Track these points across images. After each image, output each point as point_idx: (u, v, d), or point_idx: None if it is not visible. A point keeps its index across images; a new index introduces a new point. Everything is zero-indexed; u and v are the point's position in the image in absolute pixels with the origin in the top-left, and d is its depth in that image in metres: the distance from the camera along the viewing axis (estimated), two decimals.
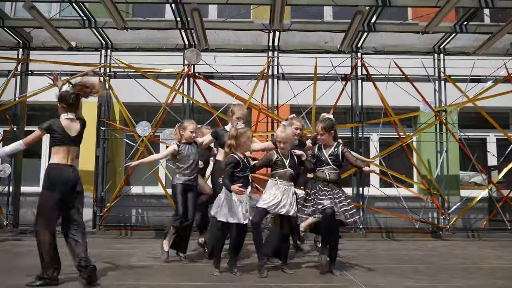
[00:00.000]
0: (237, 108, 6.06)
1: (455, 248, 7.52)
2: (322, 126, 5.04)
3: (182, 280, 4.64)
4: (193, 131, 5.88)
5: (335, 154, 5.08)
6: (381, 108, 9.59)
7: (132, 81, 9.60)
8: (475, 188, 11.05)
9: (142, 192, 10.54)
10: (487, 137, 11.04)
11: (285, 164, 4.99)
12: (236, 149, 4.93)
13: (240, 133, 4.94)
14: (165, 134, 9.41)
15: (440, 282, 4.60)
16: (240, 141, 4.91)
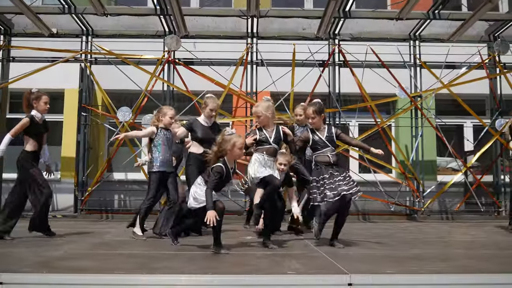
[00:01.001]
0: (210, 100, 6.10)
1: (426, 228, 7.75)
2: (314, 110, 5.07)
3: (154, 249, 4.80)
4: (172, 117, 5.95)
5: (331, 136, 5.11)
6: (358, 95, 9.79)
7: (113, 67, 9.70)
8: (452, 174, 11.31)
9: (125, 178, 10.70)
10: (464, 123, 11.32)
11: (268, 140, 5.10)
12: (223, 157, 4.66)
13: (224, 140, 4.63)
14: (146, 119, 9.52)
15: (400, 251, 4.80)
16: (224, 148, 4.61)
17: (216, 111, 6.15)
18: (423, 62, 10.03)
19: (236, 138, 4.65)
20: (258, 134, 5.16)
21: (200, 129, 6.02)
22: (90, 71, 9.86)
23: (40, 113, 5.86)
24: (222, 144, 4.59)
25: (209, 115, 6.11)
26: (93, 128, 10.25)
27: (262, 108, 5.13)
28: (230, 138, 4.61)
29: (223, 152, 4.61)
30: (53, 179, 10.43)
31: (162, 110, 6.00)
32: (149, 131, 6.01)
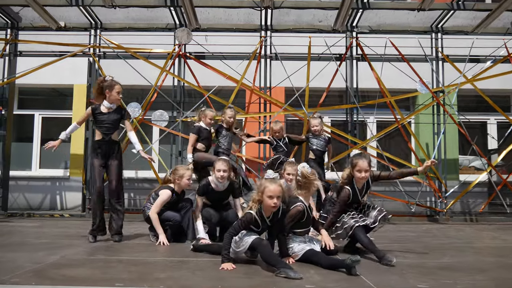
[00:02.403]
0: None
1: (450, 230, 7.30)
2: (369, 162, 4.76)
3: (158, 255, 4.46)
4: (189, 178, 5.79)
5: (368, 187, 4.90)
6: (376, 91, 9.34)
7: (122, 62, 9.38)
8: (474, 173, 10.81)
9: (135, 176, 10.41)
10: (488, 120, 10.81)
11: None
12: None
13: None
14: (156, 115, 9.21)
15: (428, 259, 4.39)
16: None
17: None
18: (445, 55, 9.53)
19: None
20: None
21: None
22: (99, 65, 9.55)
23: (111, 102, 5.85)
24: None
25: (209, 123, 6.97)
26: None
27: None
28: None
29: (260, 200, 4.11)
30: (62, 177, 10.26)
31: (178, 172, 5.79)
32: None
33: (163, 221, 5.40)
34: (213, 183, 5.66)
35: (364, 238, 4.40)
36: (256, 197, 4.05)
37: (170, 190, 5.51)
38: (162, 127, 9.25)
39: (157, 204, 5.41)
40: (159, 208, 5.40)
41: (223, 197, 5.77)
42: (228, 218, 5.60)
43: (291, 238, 4.27)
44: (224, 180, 5.58)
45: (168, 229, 5.45)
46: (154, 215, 5.36)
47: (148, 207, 5.57)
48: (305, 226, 4.33)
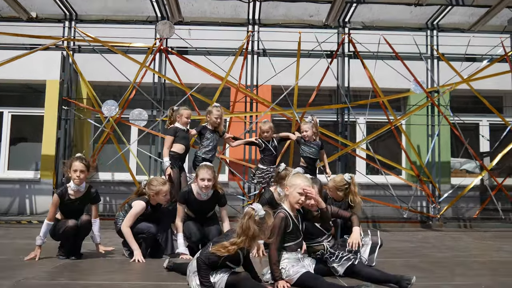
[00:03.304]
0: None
1: (448, 239, 6.86)
2: (318, 189, 4.16)
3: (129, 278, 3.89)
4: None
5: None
6: (368, 90, 8.87)
7: (98, 56, 8.74)
8: (466, 176, 10.46)
9: (111, 179, 9.78)
10: (480, 121, 10.45)
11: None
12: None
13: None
14: (134, 114, 8.58)
15: (442, 280, 3.91)
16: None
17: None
18: (440, 53, 9.11)
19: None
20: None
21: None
22: (73, 59, 8.89)
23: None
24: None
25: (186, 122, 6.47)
26: (76, 123, 9.29)
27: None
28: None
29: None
30: (32, 179, 9.55)
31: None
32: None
33: (136, 234, 4.81)
34: (195, 191, 5.10)
35: (372, 271, 3.81)
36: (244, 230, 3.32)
37: (144, 201, 4.92)
38: (141, 126, 8.64)
39: (130, 216, 4.82)
40: (132, 221, 4.81)
41: (207, 207, 5.21)
42: (210, 236, 5.04)
43: (282, 257, 3.72)
44: (208, 189, 5.03)
45: (142, 243, 4.86)
46: (126, 229, 4.78)
47: (120, 219, 4.98)
48: (295, 238, 3.79)
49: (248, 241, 3.31)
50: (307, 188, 3.74)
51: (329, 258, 3.94)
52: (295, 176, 3.86)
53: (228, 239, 3.36)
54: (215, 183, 5.08)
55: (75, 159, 4.79)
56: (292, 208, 3.81)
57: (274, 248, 3.65)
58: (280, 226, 3.68)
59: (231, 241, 3.31)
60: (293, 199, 3.77)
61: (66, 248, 4.82)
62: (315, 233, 4.14)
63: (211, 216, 5.31)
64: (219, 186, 5.22)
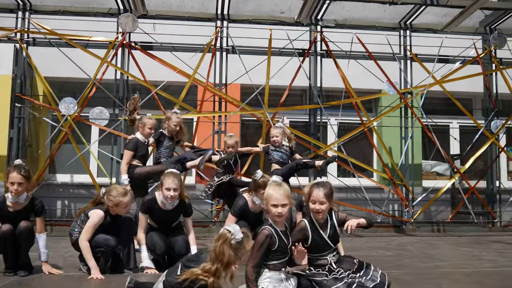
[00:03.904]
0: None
1: (425, 246, 6.63)
2: (325, 193, 3.60)
3: None
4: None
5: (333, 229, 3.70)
6: (341, 90, 8.60)
7: (55, 51, 8.11)
8: (437, 178, 10.36)
9: (69, 181, 9.14)
10: (450, 123, 10.36)
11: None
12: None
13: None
14: (94, 113, 8.01)
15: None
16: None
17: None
18: (414, 54, 8.92)
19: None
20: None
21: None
22: (27, 53, 8.22)
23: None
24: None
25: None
26: (31, 122, 8.62)
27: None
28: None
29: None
30: None
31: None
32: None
33: (93, 247, 4.30)
34: (160, 200, 4.64)
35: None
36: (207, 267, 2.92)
37: (102, 211, 4.42)
38: (102, 126, 8.07)
39: (87, 228, 4.31)
40: (91, 234, 4.30)
41: (172, 218, 4.76)
42: (176, 248, 4.61)
43: (263, 275, 3.32)
44: (174, 200, 4.58)
45: (100, 257, 4.36)
46: (84, 244, 4.26)
47: (76, 230, 4.46)
48: (280, 256, 3.40)
49: (223, 268, 2.89)
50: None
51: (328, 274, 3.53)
52: (268, 187, 3.44)
53: (199, 263, 2.94)
54: (181, 192, 4.63)
55: (12, 169, 4.21)
56: (278, 222, 3.41)
57: (251, 266, 3.24)
58: (262, 244, 3.27)
59: (203, 268, 2.89)
60: (271, 214, 3.37)
61: (7, 260, 4.27)
62: (321, 245, 3.71)
63: (176, 225, 4.87)
64: (186, 195, 4.77)
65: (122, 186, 4.74)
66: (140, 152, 5.86)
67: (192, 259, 3.06)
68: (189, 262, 3.01)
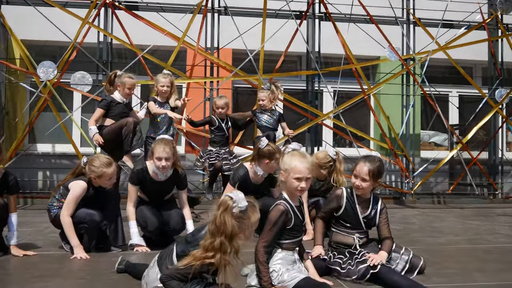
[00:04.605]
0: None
1: (430, 219, 6.29)
2: (370, 169, 3.26)
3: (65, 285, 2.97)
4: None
5: (372, 214, 3.39)
6: (340, 57, 8.13)
7: (32, 10, 7.43)
8: (434, 149, 10.06)
9: (51, 151, 8.62)
10: (450, 93, 10.00)
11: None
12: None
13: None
14: (76, 78, 7.41)
15: (462, 278, 3.27)
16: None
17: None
18: (417, 18, 8.42)
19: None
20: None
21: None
22: (0, 13, 7.53)
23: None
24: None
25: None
26: (7, 88, 8.01)
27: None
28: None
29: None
30: None
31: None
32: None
33: (76, 224, 3.82)
34: (151, 170, 4.16)
35: (400, 279, 2.98)
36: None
37: (84, 181, 3.93)
38: (84, 92, 7.49)
39: (68, 202, 3.81)
40: (73, 208, 3.81)
41: (165, 189, 4.30)
42: (171, 223, 4.17)
43: (275, 256, 2.90)
44: (166, 170, 4.10)
45: (84, 235, 3.90)
46: (66, 219, 3.78)
47: (54, 206, 3.97)
48: (295, 235, 2.97)
49: (228, 242, 2.44)
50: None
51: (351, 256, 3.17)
52: (290, 157, 2.98)
53: (199, 242, 2.49)
54: (175, 161, 4.16)
55: None
56: (294, 197, 2.97)
57: (263, 245, 2.81)
58: (277, 221, 2.84)
59: (204, 246, 2.43)
60: (291, 186, 2.92)
61: None
62: (352, 223, 3.34)
63: (169, 199, 4.41)
64: (179, 164, 4.30)
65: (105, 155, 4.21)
66: (113, 112, 5.42)
67: (189, 241, 2.59)
68: (186, 246, 2.54)
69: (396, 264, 3.26)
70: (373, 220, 3.38)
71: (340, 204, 3.35)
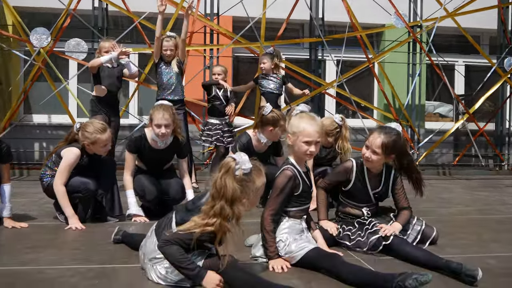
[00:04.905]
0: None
1: (437, 190, 6.12)
2: (383, 142, 2.98)
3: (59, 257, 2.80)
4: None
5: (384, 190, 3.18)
6: (344, 25, 7.79)
7: None
8: (439, 120, 9.84)
9: (47, 122, 8.41)
10: (456, 62, 9.72)
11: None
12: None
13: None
14: (70, 45, 7.13)
15: (477, 248, 3.13)
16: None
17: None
18: None
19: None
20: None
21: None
22: None
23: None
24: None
25: None
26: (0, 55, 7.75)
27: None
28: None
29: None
30: None
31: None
32: None
33: (70, 193, 3.64)
34: (150, 137, 3.96)
35: (414, 250, 2.76)
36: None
37: (77, 148, 3.73)
38: (80, 60, 7.22)
39: (62, 170, 3.62)
40: (66, 176, 3.62)
41: (164, 158, 4.10)
42: (170, 193, 4.00)
43: (282, 225, 2.71)
44: (166, 137, 3.90)
45: (78, 204, 3.72)
46: (59, 188, 3.59)
47: (47, 175, 3.78)
48: (302, 202, 2.78)
49: (229, 206, 2.23)
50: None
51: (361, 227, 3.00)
52: (298, 119, 2.76)
53: (198, 210, 2.29)
54: (175, 127, 3.95)
55: None
56: (300, 162, 2.78)
57: (270, 213, 2.63)
58: (284, 187, 2.65)
59: (205, 212, 2.23)
60: (300, 151, 2.72)
61: None
62: (361, 198, 3.16)
63: (168, 168, 4.23)
64: (180, 132, 4.09)
65: (100, 121, 3.99)
66: (101, 75, 5.55)
67: (190, 208, 2.40)
68: (187, 214, 2.35)
69: (407, 235, 3.09)
70: (385, 195, 3.20)
71: (349, 178, 3.14)
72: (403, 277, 2.16)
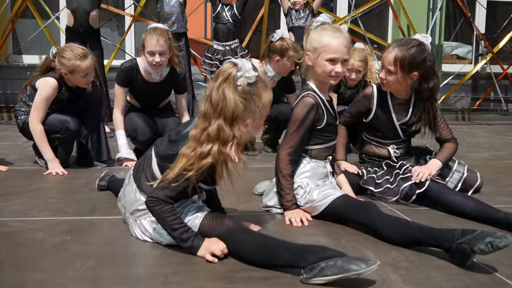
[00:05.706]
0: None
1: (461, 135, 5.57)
2: (396, 56, 2.41)
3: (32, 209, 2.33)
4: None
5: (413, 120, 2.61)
6: None
7: None
8: (456, 62, 9.20)
9: (38, 63, 7.79)
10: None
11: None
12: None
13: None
14: None
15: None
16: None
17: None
18: None
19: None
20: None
21: None
22: None
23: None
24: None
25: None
26: None
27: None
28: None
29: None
30: None
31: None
32: None
33: (48, 134, 3.13)
34: (142, 68, 3.40)
35: (463, 199, 2.24)
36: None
37: (54, 78, 3.17)
38: None
39: (37, 105, 3.10)
40: (44, 112, 3.10)
41: (160, 93, 3.55)
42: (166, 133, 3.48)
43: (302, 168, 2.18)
44: (161, 68, 3.34)
45: (58, 147, 3.21)
46: (36, 126, 3.08)
47: (22, 112, 3.26)
48: (328, 138, 2.24)
49: (228, 127, 1.65)
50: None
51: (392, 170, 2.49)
52: (320, 31, 2.15)
53: (185, 140, 1.71)
54: (171, 56, 3.38)
55: None
56: (323, 88, 2.22)
57: (287, 151, 2.11)
58: (305, 118, 2.11)
59: (195, 136, 1.66)
60: (323, 71, 2.13)
61: None
62: (386, 131, 2.63)
63: (165, 106, 3.70)
64: (177, 62, 3.52)
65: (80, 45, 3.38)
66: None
67: (173, 139, 1.80)
68: (170, 147, 1.78)
69: (446, 182, 2.56)
70: (415, 127, 2.64)
71: (369, 106, 2.60)
72: (469, 238, 1.60)
